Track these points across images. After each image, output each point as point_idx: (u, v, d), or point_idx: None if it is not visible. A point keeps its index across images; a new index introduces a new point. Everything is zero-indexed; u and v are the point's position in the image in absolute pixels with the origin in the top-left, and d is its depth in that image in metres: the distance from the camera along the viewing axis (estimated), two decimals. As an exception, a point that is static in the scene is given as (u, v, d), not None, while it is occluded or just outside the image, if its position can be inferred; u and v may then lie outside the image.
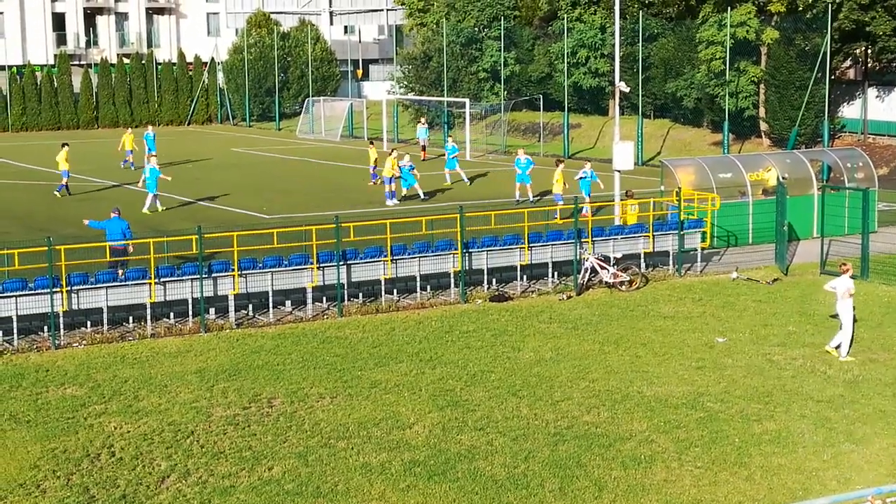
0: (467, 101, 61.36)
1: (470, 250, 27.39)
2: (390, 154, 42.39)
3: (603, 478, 15.96)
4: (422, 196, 41.77)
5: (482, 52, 69.37)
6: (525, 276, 28.56)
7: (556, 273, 28.70)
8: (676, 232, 29.56)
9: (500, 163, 54.80)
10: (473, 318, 25.34)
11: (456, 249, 27.11)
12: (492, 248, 27.68)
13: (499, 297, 27.13)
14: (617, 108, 35.75)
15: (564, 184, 37.21)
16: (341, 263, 25.85)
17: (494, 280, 28.29)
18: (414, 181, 41.94)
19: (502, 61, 66.99)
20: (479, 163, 55.79)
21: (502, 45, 67.20)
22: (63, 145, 45.32)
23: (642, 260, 29.35)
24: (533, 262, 28.22)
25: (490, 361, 21.79)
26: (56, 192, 43.92)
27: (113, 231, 26.57)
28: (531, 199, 40.64)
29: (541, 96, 64.31)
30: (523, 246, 27.88)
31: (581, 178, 37.02)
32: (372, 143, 50.52)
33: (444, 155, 60.14)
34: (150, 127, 56.39)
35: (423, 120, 61.90)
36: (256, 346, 23.13)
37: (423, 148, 57.60)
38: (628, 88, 36.74)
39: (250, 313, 25.78)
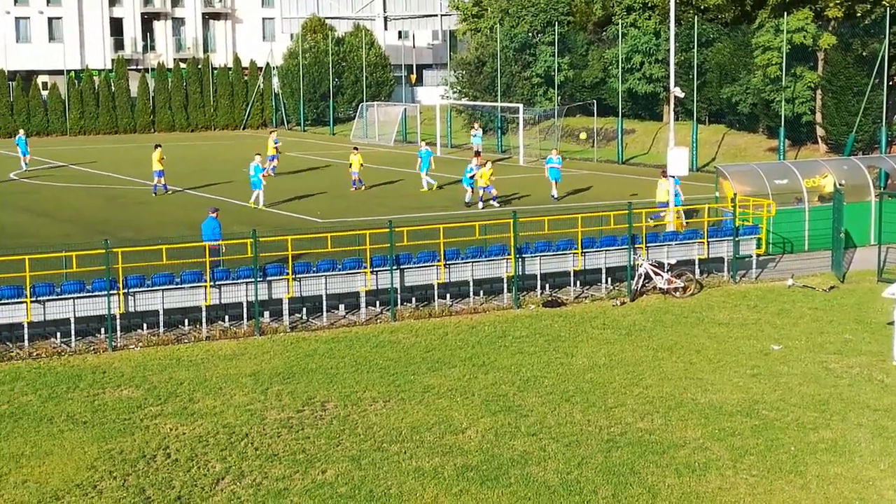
0: (521, 106, 61.34)
1: (523, 255, 27.38)
2: (484, 165, 42.59)
3: (657, 485, 15.89)
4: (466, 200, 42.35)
5: (536, 58, 69.27)
6: (578, 282, 28.49)
7: (609, 279, 28.59)
8: (731, 238, 29.37)
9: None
10: (526, 323, 25.31)
11: (509, 254, 27.11)
12: (545, 254, 27.64)
13: (552, 303, 27.08)
14: (672, 113, 35.46)
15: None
16: (395, 268, 25.92)
17: (548, 285, 28.26)
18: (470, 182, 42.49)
19: (556, 66, 66.88)
20: (533, 167, 55.72)
21: (556, 50, 67.08)
22: (156, 146, 46.17)
23: (697, 266, 29.19)
24: (586, 267, 28.15)
25: (543, 367, 21.75)
26: (154, 193, 45.29)
27: (206, 231, 27.44)
28: (555, 197, 43.01)
29: (594, 102, 64.11)
30: (577, 251, 27.82)
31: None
32: (356, 149, 49.83)
33: (500, 160, 60.48)
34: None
35: (475, 126, 61.85)
36: (310, 349, 23.25)
37: (477, 153, 57.57)
38: (683, 94, 36.39)
39: (304, 317, 25.92)
